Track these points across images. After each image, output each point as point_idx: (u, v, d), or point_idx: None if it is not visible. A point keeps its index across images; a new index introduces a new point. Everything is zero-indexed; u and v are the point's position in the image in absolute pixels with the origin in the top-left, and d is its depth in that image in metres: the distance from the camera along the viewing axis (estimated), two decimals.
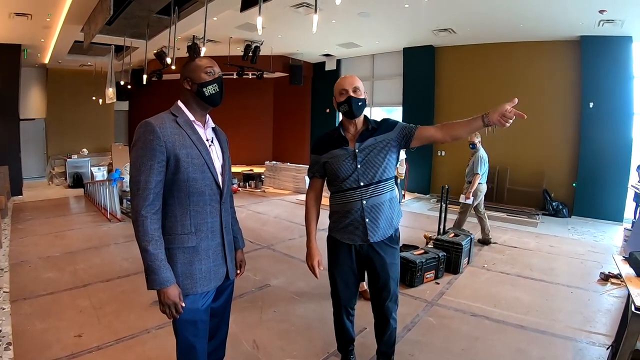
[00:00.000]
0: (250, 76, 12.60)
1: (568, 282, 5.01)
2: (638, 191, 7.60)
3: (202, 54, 8.15)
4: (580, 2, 6.85)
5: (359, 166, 2.34)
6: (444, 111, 10.74)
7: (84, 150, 13.81)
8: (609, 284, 4.98)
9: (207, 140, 1.92)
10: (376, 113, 13.11)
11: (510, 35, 9.23)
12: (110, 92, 10.23)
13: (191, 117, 1.88)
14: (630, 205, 8.43)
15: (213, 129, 2.01)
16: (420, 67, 11.21)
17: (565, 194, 9.52)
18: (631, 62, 8.44)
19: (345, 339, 2.74)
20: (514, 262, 5.76)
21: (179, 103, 1.89)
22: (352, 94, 2.32)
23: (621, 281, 4.98)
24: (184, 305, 1.76)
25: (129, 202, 8.22)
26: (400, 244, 3.16)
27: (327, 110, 14.01)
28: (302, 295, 4.27)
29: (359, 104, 2.35)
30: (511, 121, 2.04)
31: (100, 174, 10.88)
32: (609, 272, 5.17)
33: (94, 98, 13.86)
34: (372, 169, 2.35)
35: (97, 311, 3.77)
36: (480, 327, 3.72)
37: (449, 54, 10.73)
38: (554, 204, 9.40)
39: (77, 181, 12.61)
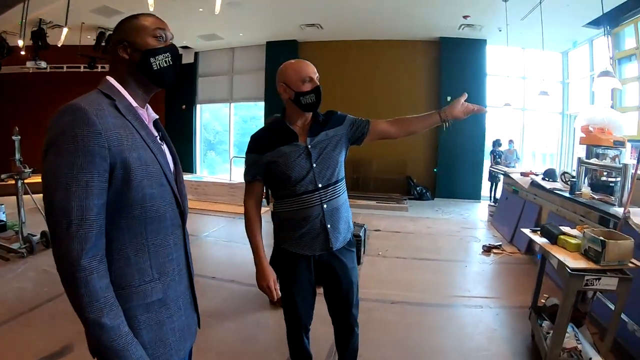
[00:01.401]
0: (100, 69, 11.15)
1: (458, 257, 5.47)
2: (494, 172, 8.77)
3: (62, 38, 6.92)
4: (447, 7, 7.70)
5: (314, 165, 2.01)
6: None
7: None
8: (492, 254, 5.54)
9: (156, 136, 1.36)
10: (238, 109, 12.77)
11: (378, 34, 9.81)
12: None
13: (133, 102, 1.26)
14: (486, 184, 9.75)
15: (155, 122, 1.41)
16: (283, 61, 11.10)
17: (427, 179, 10.50)
18: (485, 62, 9.88)
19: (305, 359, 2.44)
20: (403, 246, 6.06)
21: (111, 80, 1.25)
22: (318, 82, 2.00)
23: (502, 250, 5.61)
24: None
25: None
26: None
27: (183, 107, 13.15)
28: (212, 315, 3.72)
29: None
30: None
31: None
32: (489, 244, 5.79)
33: None
34: (329, 168, 2.05)
35: None
36: (406, 313, 3.78)
37: (314, 49, 10.87)
38: (417, 188, 10.30)
39: None
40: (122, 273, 1.18)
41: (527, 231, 3.39)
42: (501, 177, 8.79)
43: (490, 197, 9.35)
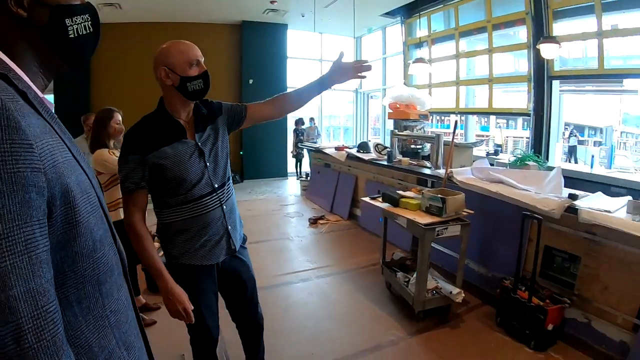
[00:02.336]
0: None
1: (290, 234, 5.71)
2: (300, 149, 9.47)
3: None
4: None
5: (208, 164, 1.80)
6: (101, 95, 9.35)
7: None
8: (319, 225, 6.01)
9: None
10: None
11: (181, 16, 9.11)
12: None
13: (38, 91, 0.79)
14: (291, 161, 10.41)
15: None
16: None
17: (234, 162, 10.54)
18: (286, 46, 10.37)
19: None
20: None
21: None
22: (205, 67, 1.76)
23: (327, 220, 6.14)
24: None
25: None
26: None
27: None
28: None
29: None
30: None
31: None
32: (314, 217, 6.25)
33: None
34: (221, 165, 1.87)
35: None
36: (265, 299, 3.69)
37: (112, 31, 9.44)
38: None
39: None
40: None
41: (367, 199, 3.82)
42: (305, 153, 9.55)
43: (297, 173, 10.05)
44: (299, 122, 10.03)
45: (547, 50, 4.72)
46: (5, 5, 0.73)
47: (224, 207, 1.85)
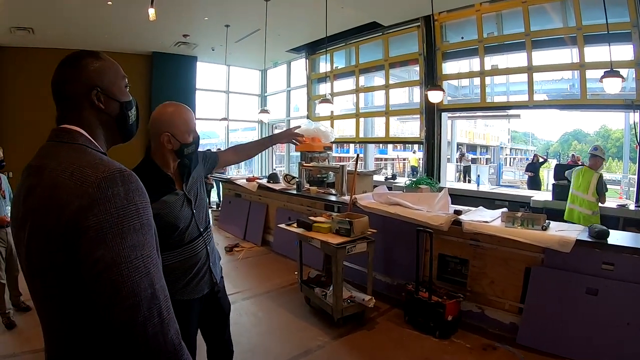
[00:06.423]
0: None
1: None
2: (211, 180, 9.68)
3: None
4: (171, 25, 7.99)
5: (194, 211, 1.97)
6: (10, 119, 8.83)
7: None
8: (235, 252, 6.33)
9: None
10: None
11: (93, 44, 8.68)
12: None
13: None
14: None
15: None
16: None
17: None
18: (195, 77, 10.68)
19: None
20: None
21: (84, 132, 1.07)
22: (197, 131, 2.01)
23: (242, 247, 6.49)
24: None
25: None
26: None
27: None
28: None
29: None
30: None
31: None
32: (229, 245, 6.55)
33: None
34: (203, 209, 2.05)
35: None
36: None
37: (23, 56, 9.04)
38: None
39: None
40: None
41: (283, 226, 4.28)
42: (214, 183, 9.85)
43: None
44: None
45: (433, 96, 5.48)
46: (90, 99, 1.08)
47: (208, 247, 2.03)
